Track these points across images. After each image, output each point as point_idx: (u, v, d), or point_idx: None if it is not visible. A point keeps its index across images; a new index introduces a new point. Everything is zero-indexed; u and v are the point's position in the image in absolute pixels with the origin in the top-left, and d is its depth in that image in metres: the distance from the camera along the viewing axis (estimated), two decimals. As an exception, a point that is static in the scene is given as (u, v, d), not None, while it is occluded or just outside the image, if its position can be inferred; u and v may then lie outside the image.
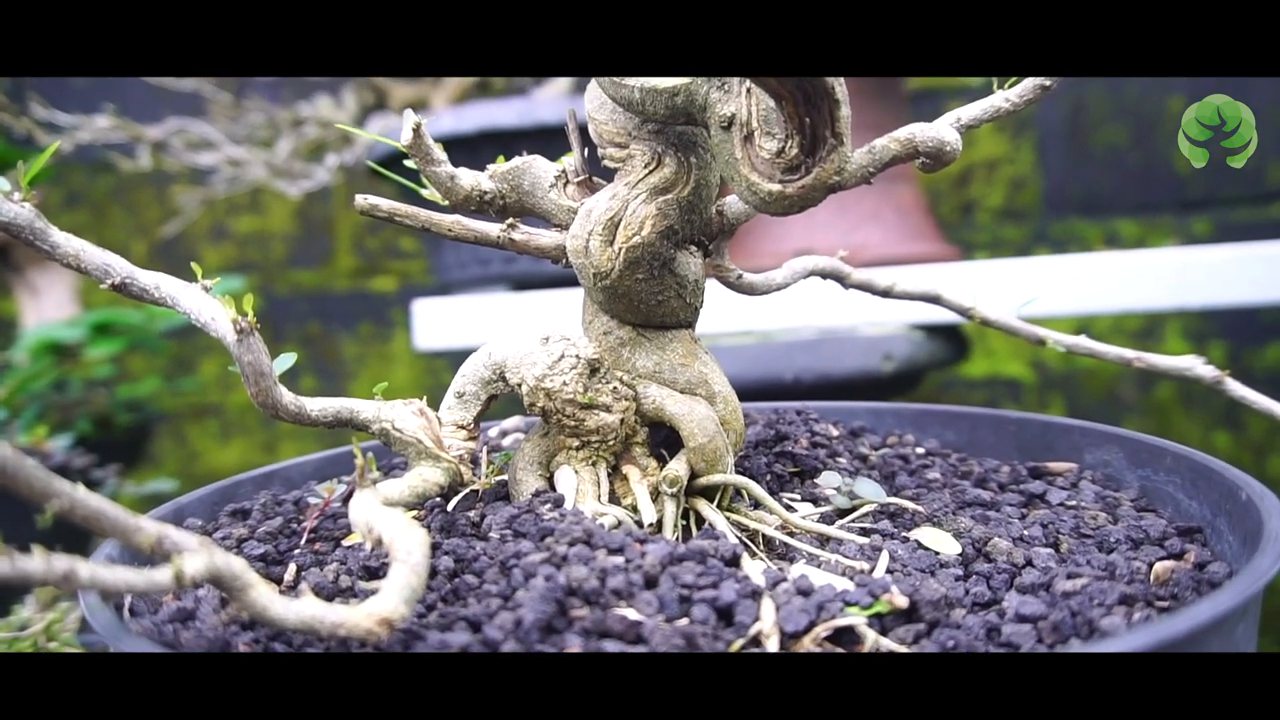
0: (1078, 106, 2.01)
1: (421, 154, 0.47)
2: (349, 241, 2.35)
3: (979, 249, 2.15)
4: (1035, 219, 2.15)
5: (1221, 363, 1.81)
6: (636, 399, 0.46)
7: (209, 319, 0.37)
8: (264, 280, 2.43)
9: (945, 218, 2.14)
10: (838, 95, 0.37)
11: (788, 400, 1.12)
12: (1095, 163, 2.09)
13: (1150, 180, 2.07)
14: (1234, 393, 0.51)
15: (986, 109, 0.43)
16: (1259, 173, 2.00)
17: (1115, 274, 1.17)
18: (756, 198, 0.40)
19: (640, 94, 0.42)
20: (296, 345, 2.52)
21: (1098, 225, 2.13)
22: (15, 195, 0.36)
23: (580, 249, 0.45)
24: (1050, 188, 2.11)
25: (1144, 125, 2.06)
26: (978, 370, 2.13)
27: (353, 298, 2.43)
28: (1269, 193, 2.01)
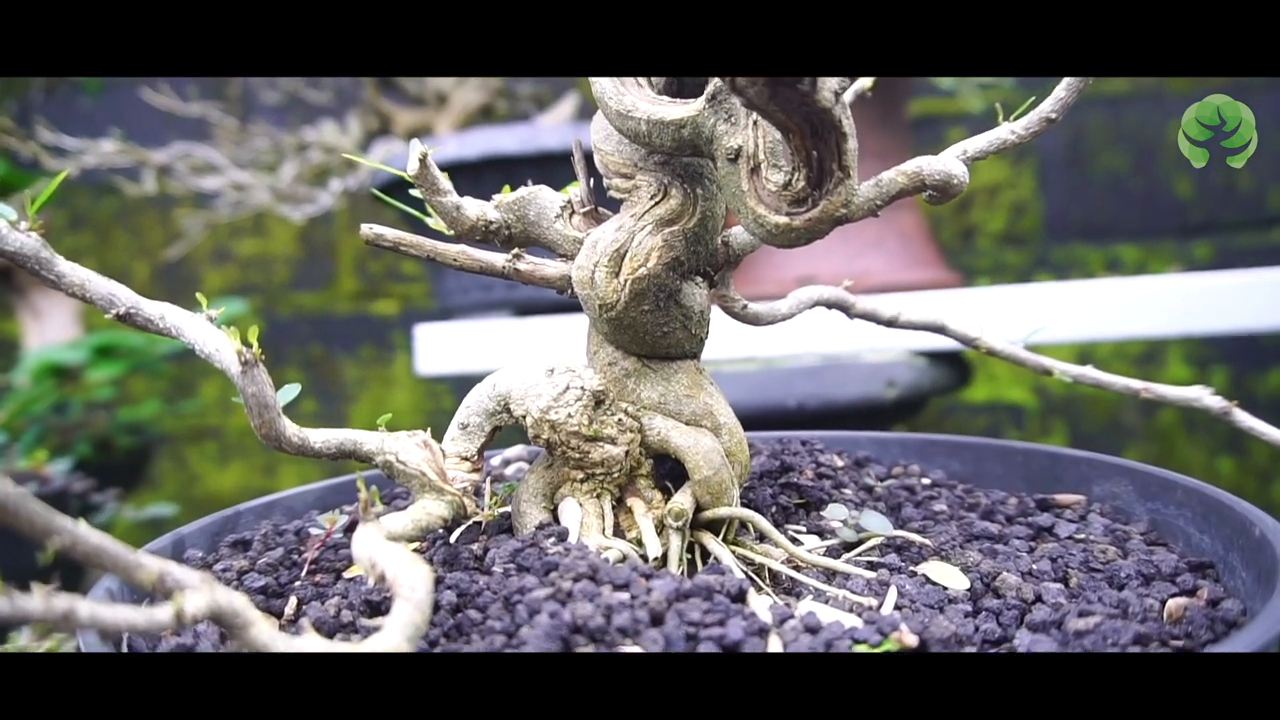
0: (1078, 133, 2.02)
1: (427, 184, 0.47)
2: (351, 264, 2.36)
3: (981, 274, 2.15)
4: (1037, 244, 2.16)
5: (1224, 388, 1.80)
6: (641, 431, 0.46)
7: (213, 350, 0.37)
8: (266, 302, 2.44)
9: (947, 243, 2.15)
10: (845, 128, 0.37)
11: (791, 427, 1.12)
12: (1096, 188, 2.10)
13: (1151, 205, 2.07)
14: (1242, 423, 0.50)
15: (992, 141, 0.43)
16: (1260, 198, 2.01)
17: (1117, 301, 1.17)
18: (763, 230, 0.40)
19: (646, 126, 0.42)
20: (298, 367, 2.53)
21: (1099, 250, 2.13)
22: (22, 225, 0.36)
23: (586, 280, 0.45)
24: (1051, 213, 2.11)
25: (1144, 151, 2.07)
26: (980, 396, 2.12)
27: (354, 321, 2.43)
28: (1270, 218, 2.01)
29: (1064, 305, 1.17)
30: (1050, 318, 1.17)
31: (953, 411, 2.11)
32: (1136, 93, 2.06)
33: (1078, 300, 1.17)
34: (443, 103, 1.53)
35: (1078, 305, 1.17)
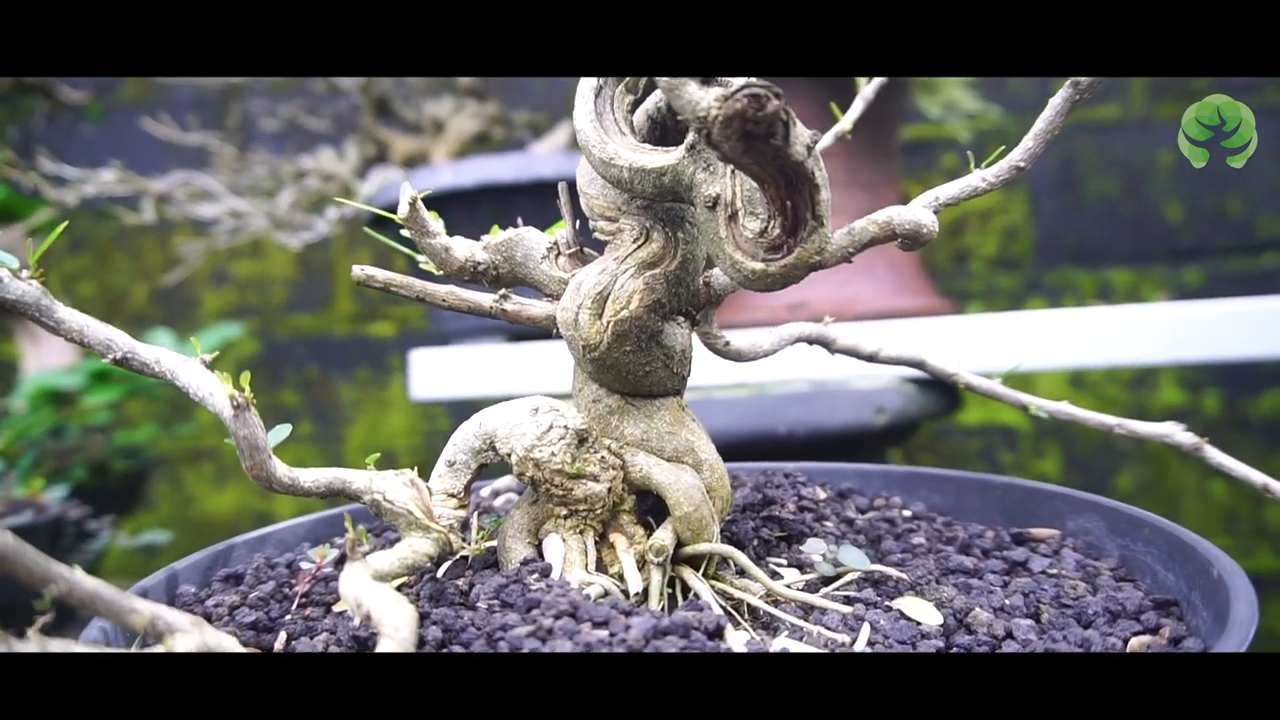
0: (1069, 158, 2.05)
1: (417, 226, 0.48)
2: (348, 287, 2.38)
3: (973, 297, 2.17)
4: (1029, 268, 2.18)
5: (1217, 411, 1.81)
6: (624, 467, 0.47)
7: (207, 394, 0.38)
8: (263, 324, 2.45)
9: (940, 266, 2.16)
10: (817, 180, 0.39)
11: (781, 453, 1.13)
12: (1087, 213, 2.12)
13: (1142, 230, 2.10)
14: (1212, 460, 0.52)
15: (964, 188, 0.45)
16: (1250, 224, 2.03)
17: (1108, 328, 1.18)
18: (740, 275, 0.42)
19: (628, 173, 0.44)
20: (294, 389, 2.53)
21: (1090, 274, 2.15)
22: (23, 273, 0.37)
23: (570, 321, 0.46)
24: (1043, 237, 2.14)
25: (1134, 176, 2.10)
26: (973, 418, 2.13)
27: (351, 343, 2.44)
28: (1260, 243, 2.03)
29: (1054, 333, 1.18)
30: (1041, 345, 1.19)
31: (946, 434, 2.13)
32: (1126, 119, 2.09)
33: (1068, 328, 1.18)
34: (439, 130, 1.55)
35: (1068, 333, 1.18)
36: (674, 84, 0.37)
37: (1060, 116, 0.43)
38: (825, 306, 1.26)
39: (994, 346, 1.19)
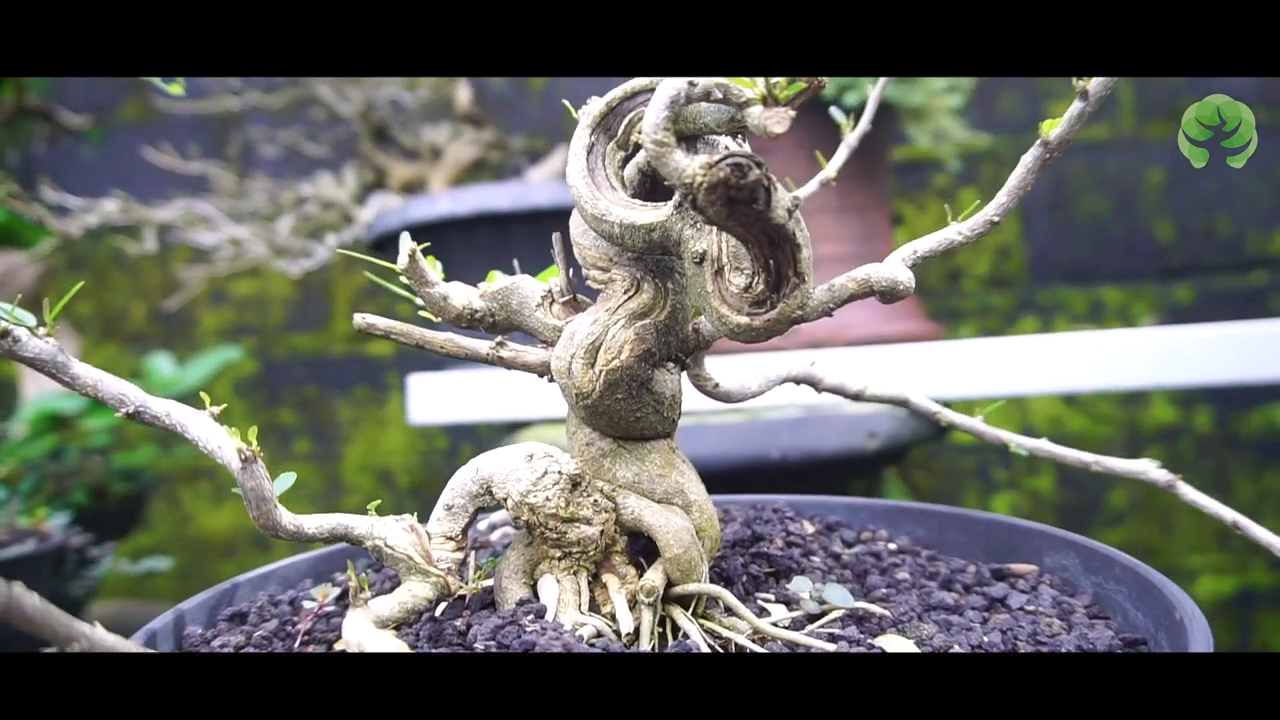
0: (1060, 177, 2.07)
1: (417, 277, 0.50)
2: (346, 307, 2.39)
3: (967, 316, 2.19)
4: (1021, 286, 2.20)
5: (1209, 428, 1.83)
6: (616, 509, 0.49)
7: (215, 447, 0.40)
8: (262, 343, 2.46)
9: (933, 286, 2.19)
10: (799, 240, 0.41)
11: (775, 478, 1.14)
12: (1078, 232, 2.15)
13: (1132, 248, 2.12)
14: (1186, 497, 0.53)
15: (941, 241, 0.47)
16: (1239, 242, 2.06)
17: (1098, 352, 1.20)
18: (726, 327, 0.44)
19: (619, 229, 0.46)
20: (293, 408, 2.55)
21: (1082, 292, 2.18)
22: (40, 330, 0.39)
23: (563, 370, 0.48)
24: (1035, 256, 2.16)
25: (1125, 195, 2.12)
26: (967, 436, 2.15)
27: (349, 362, 2.46)
28: (1248, 261, 2.06)
29: (1044, 357, 1.20)
30: (1031, 370, 1.20)
31: (940, 452, 2.14)
32: (1116, 139, 2.11)
33: (1058, 353, 1.20)
34: (437, 156, 1.57)
35: (1058, 357, 1.20)
36: (660, 152, 0.39)
37: (1032, 174, 0.45)
38: (818, 332, 1.28)
39: (985, 372, 1.21)
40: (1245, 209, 2.08)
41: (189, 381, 1.46)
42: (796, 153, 1.27)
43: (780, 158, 1.26)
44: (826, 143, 1.06)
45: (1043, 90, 2.16)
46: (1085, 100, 0.42)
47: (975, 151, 2.07)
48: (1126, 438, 2.15)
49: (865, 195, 1.40)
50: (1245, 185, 2.07)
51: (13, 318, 0.37)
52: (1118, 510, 2.13)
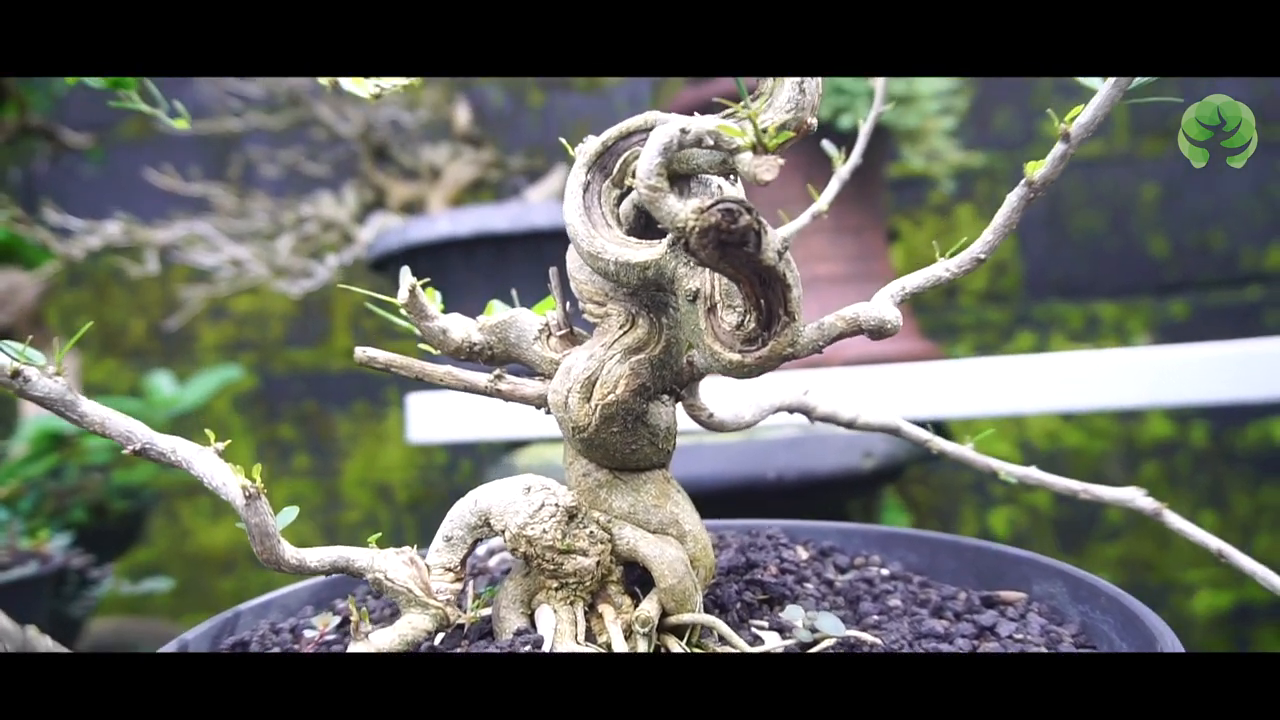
0: (1055, 193, 2.09)
1: (417, 311, 0.51)
2: (346, 322, 2.40)
3: (963, 331, 2.20)
4: (1017, 302, 2.21)
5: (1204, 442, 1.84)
6: (612, 540, 0.50)
7: (220, 484, 0.41)
8: (261, 359, 2.47)
9: (930, 301, 2.20)
10: (789, 280, 0.42)
11: (771, 498, 1.15)
12: (1073, 247, 2.17)
13: (1127, 264, 2.14)
14: (1172, 524, 0.54)
15: (928, 278, 0.48)
16: (1233, 257, 2.08)
17: (1094, 372, 1.21)
18: (719, 364, 0.45)
19: (614, 266, 0.47)
20: (292, 423, 2.55)
21: (1078, 307, 2.19)
22: (49, 369, 0.40)
23: (560, 404, 0.49)
24: (1031, 272, 2.18)
25: (1119, 211, 2.14)
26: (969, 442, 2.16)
27: (348, 377, 2.46)
28: (1243, 276, 2.08)
29: (1039, 377, 1.21)
30: (1026, 389, 1.21)
31: (938, 468, 2.15)
32: (1110, 155, 2.13)
33: (1054, 372, 1.21)
34: (436, 176, 1.59)
35: (1054, 377, 1.21)
36: (653, 196, 0.40)
37: (1017, 213, 0.46)
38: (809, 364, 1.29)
39: (981, 391, 1.22)
40: (1239, 225, 2.09)
41: (189, 401, 1.47)
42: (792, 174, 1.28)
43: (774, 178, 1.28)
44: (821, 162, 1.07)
45: (1036, 108, 2.18)
46: (1068, 142, 0.44)
47: (972, 169, 2.08)
48: (1123, 452, 2.16)
49: (861, 215, 1.42)
50: (1239, 201, 2.08)
51: (24, 358, 0.38)
52: (1115, 525, 2.14)
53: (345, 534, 2.40)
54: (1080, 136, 0.43)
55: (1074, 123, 0.43)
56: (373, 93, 0.47)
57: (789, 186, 1.17)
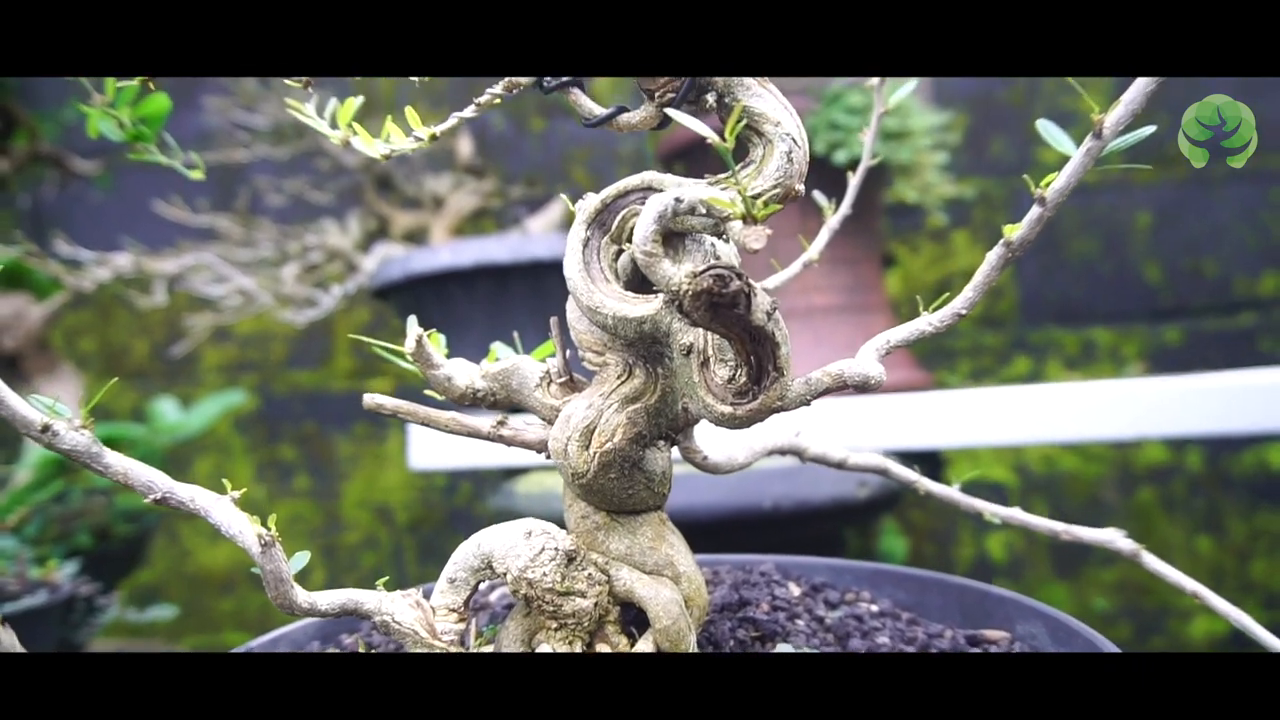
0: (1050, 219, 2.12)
1: (423, 360, 0.53)
2: (347, 344, 2.42)
3: (960, 355, 2.22)
4: (1013, 327, 2.24)
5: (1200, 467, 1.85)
6: (610, 582, 0.52)
7: (237, 531, 0.43)
8: (263, 379, 2.49)
9: (926, 325, 2.22)
10: (777, 339, 0.44)
11: (767, 528, 1.17)
12: (1069, 273, 2.19)
13: (1122, 290, 2.16)
14: (1150, 566, 0.56)
15: (912, 332, 0.50)
16: (1226, 284, 2.10)
17: (1088, 403, 1.23)
18: (711, 415, 0.47)
19: (613, 320, 0.49)
20: (292, 443, 2.56)
21: (1073, 333, 2.21)
22: (75, 422, 0.42)
23: (560, 451, 0.51)
24: (1026, 297, 2.20)
25: (1114, 238, 2.17)
26: (961, 475, 2.18)
27: (349, 399, 2.48)
28: (1235, 303, 2.10)
29: (1035, 407, 1.23)
30: (1021, 419, 1.23)
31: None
32: (1104, 182, 2.16)
33: (1048, 402, 1.23)
34: (439, 206, 1.61)
35: (1049, 407, 1.23)
36: (649, 261, 0.43)
37: (996, 270, 0.48)
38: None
39: (975, 421, 1.24)
40: (1231, 252, 2.12)
41: (193, 427, 1.50)
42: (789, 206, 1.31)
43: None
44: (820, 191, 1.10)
45: (1031, 135, 2.21)
46: (1043, 205, 0.46)
47: (967, 196, 2.11)
48: (1119, 477, 2.17)
49: (856, 247, 1.44)
50: (1231, 229, 2.11)
51: (53, 412, 0.40)
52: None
53: (345, 555, 2.42)
54: (1055, 200, 0.46)
55: (1049, 188, 0.45)
56: (383, 153, 0.49)
57: (785, 216, 1.19)
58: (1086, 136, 0.45)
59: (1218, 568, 2.08)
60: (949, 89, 2.18)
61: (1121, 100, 0.45)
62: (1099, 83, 2.17)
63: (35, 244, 1.62)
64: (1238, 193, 2.09)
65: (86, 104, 0.59)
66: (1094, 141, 0.44)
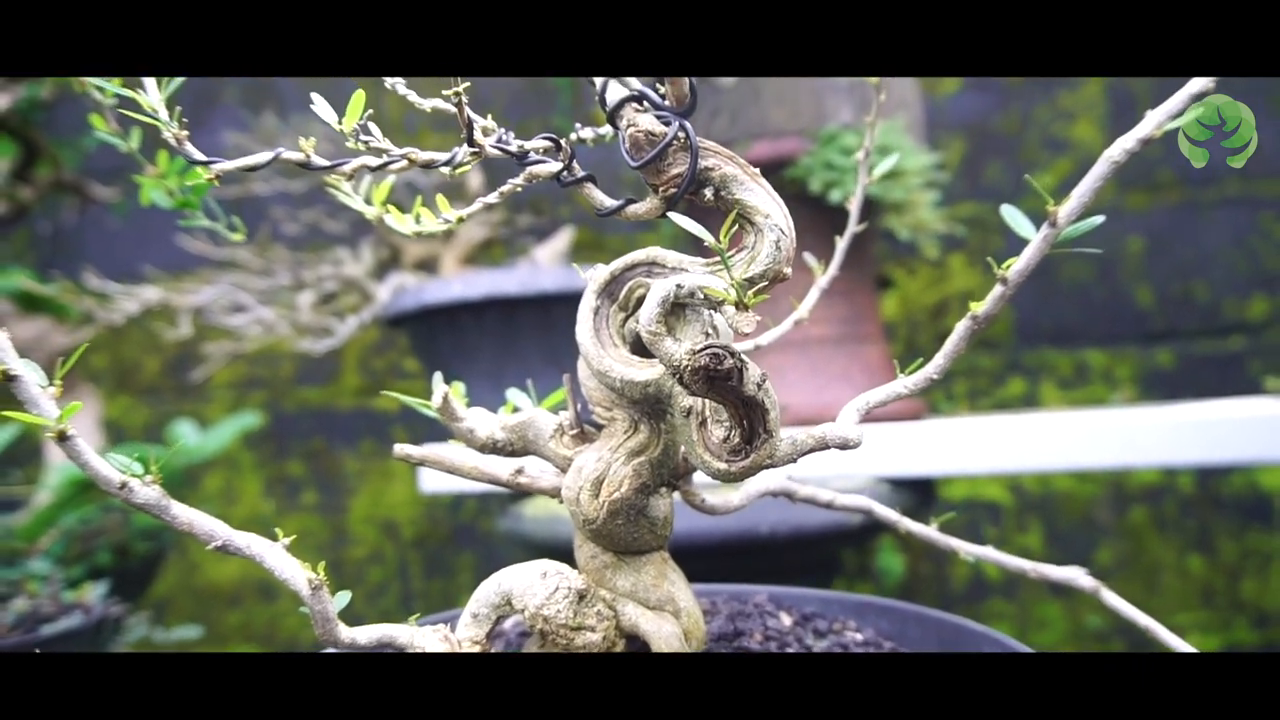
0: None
1: (448, 414, 0.59)
2: (355, 362, 2.48)
3: (955, 376, 2.28)
4: (1008, 349, 2.29)
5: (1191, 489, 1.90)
6: (616, 616, 0.57)
7: (289, 575, 0.49)
8: (272, 397, 2.54)
9: (924, 348, 2.27)
10: (767, 405, 0.50)
11: (765, 553, 1.22)
12: (1063, 296, 2.25)
13: (1115, 313, 2.21)
14: (1109, 603, 0.62)
15: (889, 394, 0.56)
16: (1216, 308, 2.15)
17: (1079, 432, 1.27)
18: (708, 470, 0.52)
19: (620, 383, 0.55)
20: (300, 459, 2.61)
21: (1067, 354, 2.27)
22: (147, 478, 0.48)
23: (572, 499, 0.57)
24: (1021, 319, 2.25)
25: (1106, 262, 2.22)
26: (957, 493, 2.23)
27: (356, 416, 2.53)
28: (1225, 326, 2.15)
29: (1027, 436, 1.28)
30: (1013, 448, 1.28)
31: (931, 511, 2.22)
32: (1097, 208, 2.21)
33: (1040, 432, 1.28)
34: (449, 236, 1.67)
35: (1040, 437, 1.28)
36: (653, 340, 0.48)
37: (964, 341, 0.54)
38: (804, 411, 1.37)
39: (967, 449, 1.29)
40: (1222, 276, 2.17)
41: (210, 449, 1.55)
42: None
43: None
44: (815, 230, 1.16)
45: (1025, 161, 2.27)
46: (1005, 285, 0.52)
47: (963, 218, 2.17)
48: (1112, 496, 2.22)
49: (851, 279, 1.50)
50: (1221, 254, 2.17)
51: (130, 472, 0.46)
52: (1104, 568, 2.20)
53: (351, 569, 2.47)
54: (1017, 281, 0.51)
55: (1010, 270, 0.51)
56: (414, 230, 0.55)
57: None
58: (1043, 225, 0.51)
59: (1208, 587, 2.13)
60: (945, 116, 2.24)
61: (1073, 194, 0.50)
62: (1091, 111, 2.23)
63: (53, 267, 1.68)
64: (1227, 218, 2.15)
65: (103, 125, 0.65)
66: (1049, 229, 0.50)
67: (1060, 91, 2.21)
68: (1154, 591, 2.16)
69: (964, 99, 2.26)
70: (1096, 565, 2.17)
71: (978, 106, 2.26)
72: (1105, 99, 2.20)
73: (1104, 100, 2.20)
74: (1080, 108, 2.22)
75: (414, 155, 0.50)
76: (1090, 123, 2.22)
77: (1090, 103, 2.21)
